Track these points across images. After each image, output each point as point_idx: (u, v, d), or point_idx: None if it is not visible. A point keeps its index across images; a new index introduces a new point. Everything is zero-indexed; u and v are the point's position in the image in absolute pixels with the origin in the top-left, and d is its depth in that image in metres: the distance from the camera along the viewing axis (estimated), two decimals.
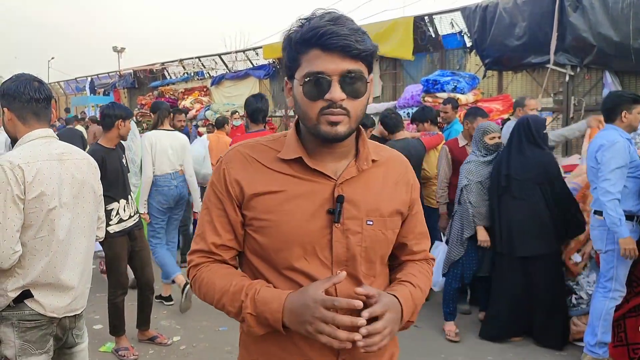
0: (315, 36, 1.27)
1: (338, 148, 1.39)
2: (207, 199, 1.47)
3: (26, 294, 2.24)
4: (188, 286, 4.76)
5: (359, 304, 1.23)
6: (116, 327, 4.27)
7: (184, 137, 5.42)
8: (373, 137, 5.73)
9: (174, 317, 5.08)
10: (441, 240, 5.05)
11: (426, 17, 9.60)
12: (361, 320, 1.23)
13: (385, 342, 1.28)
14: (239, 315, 1.36)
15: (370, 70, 1.35)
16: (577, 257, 4.53)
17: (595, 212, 3.85)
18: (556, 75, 7.97)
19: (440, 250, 4.88)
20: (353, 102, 1.31)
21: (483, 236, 4.40)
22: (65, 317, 2.37)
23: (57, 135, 2.45)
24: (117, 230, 4.07)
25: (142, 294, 4.44)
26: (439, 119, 6.87)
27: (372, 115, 7.38)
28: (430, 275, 1.58)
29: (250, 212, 1.39)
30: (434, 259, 1.63)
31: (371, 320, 1.27)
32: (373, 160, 1.45)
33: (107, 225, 4.00)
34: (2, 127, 14.07)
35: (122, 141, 4.47)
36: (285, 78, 1.42)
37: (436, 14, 9.50)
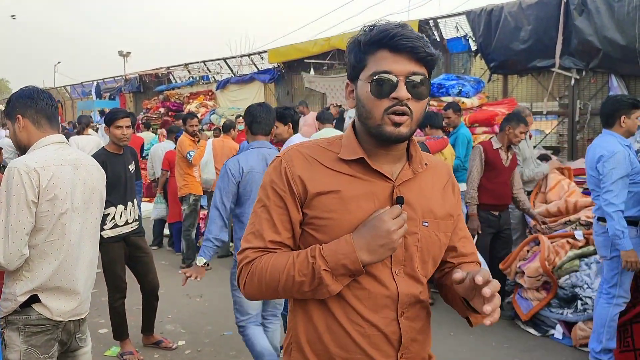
0: (387, 37, 1.32)
1: (394, 150, 1.42)
2: (265, 196, 1.45)
3: (34, 298, 2.25)
4: None
5: (399, 209, 1.33)
6: (119, 332, 4.27)
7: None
8: None
9: (179, 322, 5.08)
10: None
11: (431, 21, 9.62)
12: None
13: (497, 314, 1.25)
14: (314, 280, 1.33)
15: (430, 77, 1.39)
16: (579, 234, 4.59)
17: (599, 219, 3.83)
18: (562, 78, 7.96)
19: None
20: (416, 103, 1.35)
21: None
22: (70, 321, 2.38)
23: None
24: (111, 235, 4.06)
25: (146, 300, 4.44)
26: (444, 123, 6.90)
27: None
28: None
29: (312, 211, 1.40)
30: (480, 264, 1.62)
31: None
32: (426, 164, 1.48)
33: (102, 230, 4.00)
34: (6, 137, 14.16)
35: (131, 147, 4.48)
36: (347, 80, 1.46)
37: (441, 18, 9.51)
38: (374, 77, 1.33)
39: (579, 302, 4.31)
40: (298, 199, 1.41)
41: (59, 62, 42.83)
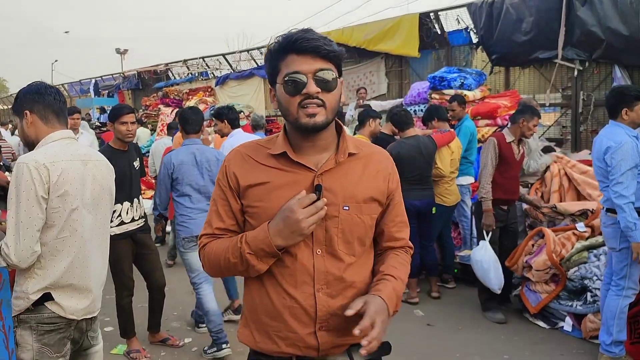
0: (290, 42, 1.51)
1: (318, 141, 1.59)
2: (214, 191, 1.71)
3: (46, 297, 2.21)
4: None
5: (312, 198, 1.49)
6: (126, 330, 4.24)
7: None
8: (382, 135, 5.70)
9: (185, 319, 5.05)
10: (484, 239, 4.77)
11: (432, 14, 9.55)
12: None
13: (379, 341, 1.46)
14: (243, 262, 1.56)
15: (339, 71, 1.58)
16: (580, 226, 4.57)
17: (608, 210, 3.80)
18: (564, 70, 7.91)
19: (488, 251, 4.67)
20: (327, 95, 1.53)
21: None
22: (83, 319, 2.34)
23: None
24: (118, 232, 4.02)
25: (152, 298, 4.41)
26: (448, 116, 6.86)
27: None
28: (408, 261, 1.78)
29: (245, 201, 1.63)
30: (412, 247, 1.81)
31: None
32: (351, 154, 1.63)
33: None
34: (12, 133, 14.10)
35: (138, 144, 4.44)
36: (270, 87, 1.63)
37: (442, 10, 9.44)
38: (286, 78, 1.52)
39: (589, 294, 4.28)
40: (235, 191, 1.65)
41: (56, 61, 42.80)
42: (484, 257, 4.65)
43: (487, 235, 4.74)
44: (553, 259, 4.40)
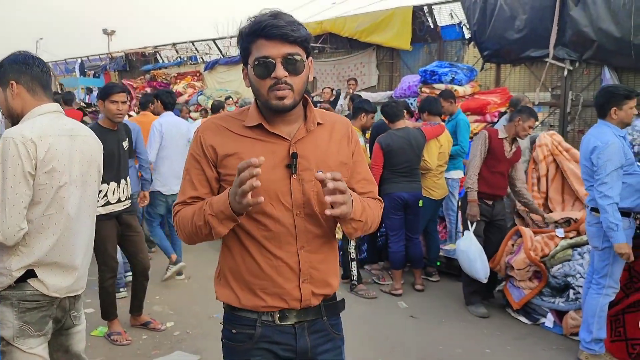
0: (260, 28, 1.59)
1: (288, 116, 1.71)
2: (188, 162, 1.78)
3: (29, 273, 2.15)
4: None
5: (254, 160, 1.46)
6: (107, 312, 4.19)
7: None
8: (376, 125, 5.69)
9: (168, 303, 5.01)
10: (468, 230, 4.79)
11: (425, 7, 9.53)
12: (256, 170, 1.46)
13: (344, 208, 1.58)
14: (206, 224, 1.64)
15: (308, 54, 1.67)
16: (560, 232, 4.61)
17: (592, 209, 3.82)
18: (555, 69, 7.95)
19: (472, 241, 4.69)
20: (294, 78, 1.63)
21: None
22: (66, 297, 2.29)
23: None
24: (103, 213, 3.94)
25: (136, 279, 4.36)
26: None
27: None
28: (378, 206, 1.87)
29: (224, 170, 1.71)
30: (381, 200, 1.92)
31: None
32: (318, 123, 1.77)
33: None
34: None
35: (128, 124, 4.37)
36: (242, 65, 1.74)
37: (435, 4, 9.44)
38: (256, 62, 1.62)
39: (571, 291, 4.31)
40: (211, 161, 1.73)
41: (41, 39, 41.87)
42: (469, 248, 4.66)
43: (472, 225, 4.77)
44: (531, 256, 4.43)
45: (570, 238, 4.53)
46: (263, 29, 1.58)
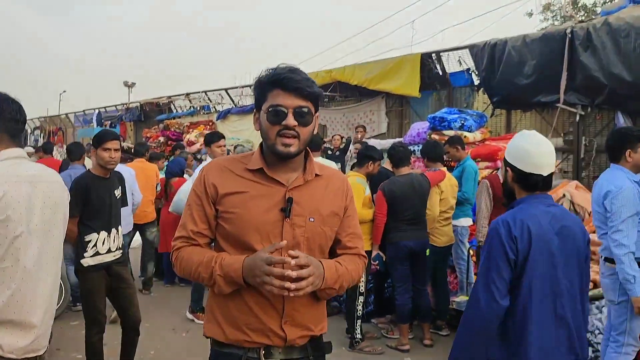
0: (278, 79, 1.77)
1: (290, 163, 1.85)
2: (190, 197, 1.91)
3: None
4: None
5: (288, 260, 1.67)
6: None
7: None
8: (383, 170, 5.52)
9: (161, 358, 4.77)
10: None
11: (434, 55, 9.55)
12: (289, 272, 1.65)
13: (309, 289, 1.71)
14: (211, 279, 1.79)
15: (316, 108, 1.85)
16: None
17: (606, 260, 3.58)
18: (566, 114, 7.81)
19: None
20: (302, 129, 1.79)
21: None
22: (25, 359, 2.10)
23: None
24: (92, 264, 3.80)
25: (126, 335, 4.13)
26: (445, 157, 6.71)
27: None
28: (360, 264, 1.97)
29: (222, 207, 1.84)
30: (365, 256, 2.01)
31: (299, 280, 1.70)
32: (316, 175, 1.91)
33: (82, 257, 3.79)
34: None
35: (120, 172, 4.28)
36: (254, 110, 1.89)
37: (444, 51, 9.44)
38: (270, 109, 1.78)
39: (590, 348, 4.01)
40: (211, 198, 1.86)
41: (64, 91, 43.10)
42: None
43: None
44: None
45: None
46: (281, 81, 1.76)
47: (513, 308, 2.15)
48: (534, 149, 2.28)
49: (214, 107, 15.79)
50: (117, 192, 4.11)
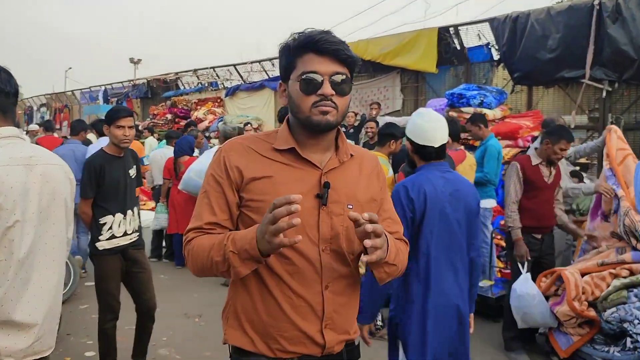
0: (312, 41, 1.52)
1: (323, 141, 1.61)
2: (207, 183, 1.63)
3: None
4: None
5: (294, 197, 1.33)
6: (105, 357, 3.79)
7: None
8: (405, 149, 5.26)
9: (174, 345, 4.59)
10: (522, 272, 4.20)
11: (451, 29, 9.20)
12: (295, 206, 1.32)
13: (380, 253, 1.46)
14: (225, 262, 1.48)
15: (352, 76, 1.59)
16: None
17: None
18: (592, 90, 7.49)
19: (529, 284, 4.11)
20: (340, 98, 1.54)
21: None
22: None
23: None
24: (107, 247, 3.62)
25: (140, 321, 3.95)
26: (466, 136, 6.45)
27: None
28: (406, 249, 1.75)
29: (248, 194, 1.58)
30: (407, 242, 1.80)
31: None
32: (351, 155, 1.67)
33: (97, 240, 3.60)
34: None
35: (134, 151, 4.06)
36: (280, 81, 1.64)
37: (462, 25, 9.09)
38: (302, 77, 1.52)
39: (628, 339, 3.77)
40: (235, 183, 1.59)
41: (70, 68, 42.86)
42: (528, 291, 4.08)
43: (523, 267, 4.22)
44: (575, 308, 3.89)
45: (624, 277, 4.01)
46: (316, 43, 1.51)
47: (417, 259, 2.53)
48: (427, 124, 2.62)
49: (222, 83, 15.48)
50: (132, 172, 3.89)
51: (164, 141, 8.63)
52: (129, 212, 3.79)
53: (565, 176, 5.10)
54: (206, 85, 15.97)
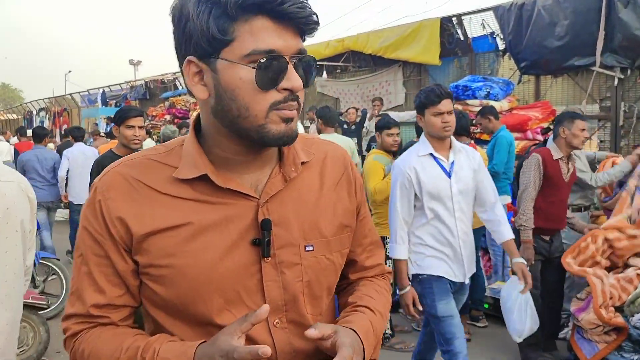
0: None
1: (264, 154, 1.07)
2: (81, 242, 1.07)
3: None
4: None
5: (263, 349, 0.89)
6: None
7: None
8: (405, 147, 4.99)
9: None
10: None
11: (454, 18, 8.92)
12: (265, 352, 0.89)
13: None
14: None
15: None
16: None
17: None
18: (603, 78, 7.20)
19: (516, 290, 3.50)
20: (301, 92, 1.01)
21: None
22: None
23: None
24: None
25: None
26: (475, 129, 6.23)
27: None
28: (388, 293, 1.29)
29: (144, 258, 1.03)
30: (390, 273, 1.35)
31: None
32: (302, 163, 1.12)
33: None
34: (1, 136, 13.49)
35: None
36: (190, 57, 0.99)
37: (465, 14, 8.82)
38: (261, 60, 0.94)
39: None
40: (121, 244, 1.04)
41: (69, 72, 42.71)
42: (509, 295, 3.68)
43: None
44: (603, 317, 3.59)
45: None
46: (280, 4, 0.92)
47: None
48: None
49: None
50: None
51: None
52: None
53: (583, 167, 4.76)
54: None
